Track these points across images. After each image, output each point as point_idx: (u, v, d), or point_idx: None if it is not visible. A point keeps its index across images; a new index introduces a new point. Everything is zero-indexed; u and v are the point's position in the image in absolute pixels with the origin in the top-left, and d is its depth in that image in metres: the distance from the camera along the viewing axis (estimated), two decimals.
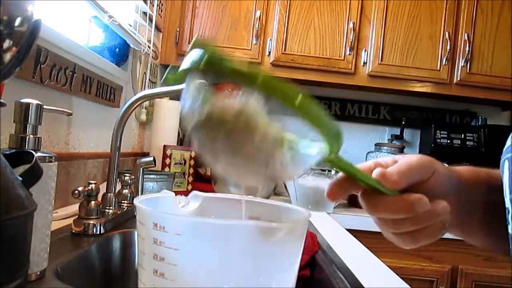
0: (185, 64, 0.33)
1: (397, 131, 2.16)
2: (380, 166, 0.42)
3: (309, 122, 0.34)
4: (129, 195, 0.93)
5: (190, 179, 1.56)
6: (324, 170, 1.54)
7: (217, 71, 0.33)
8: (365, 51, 1.85)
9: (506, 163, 0.44)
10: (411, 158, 0.42)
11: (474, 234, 0.51)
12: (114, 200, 0.86)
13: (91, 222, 0.75)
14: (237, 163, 0.35)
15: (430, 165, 0.42)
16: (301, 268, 0.61)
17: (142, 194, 0.99)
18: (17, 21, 0.32)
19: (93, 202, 0.76)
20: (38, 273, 0.51)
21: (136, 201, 0.38)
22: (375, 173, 0.39)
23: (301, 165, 0.36)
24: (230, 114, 0.33)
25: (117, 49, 1.38)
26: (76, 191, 0.71)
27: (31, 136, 0.52)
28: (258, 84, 0.33)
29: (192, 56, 0.33)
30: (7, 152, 0.40)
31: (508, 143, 0.46)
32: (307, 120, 0.34)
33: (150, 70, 1.67)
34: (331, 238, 0.96)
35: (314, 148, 0.36)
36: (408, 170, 0.40)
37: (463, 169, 0.49)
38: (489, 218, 0.48)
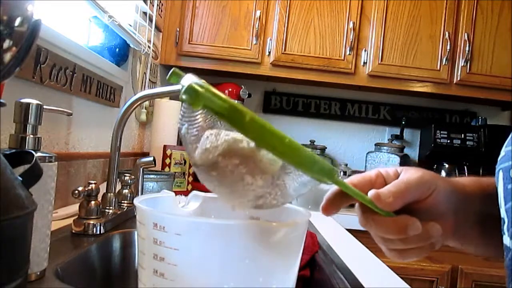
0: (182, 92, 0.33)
1: (397, 131, 2.16)
2: (381, 179, 0.42)
3: (298, 164, 0.34)
4: (129, 195, 0.92)
5: (190, 179, 1.56)
6: None
7: (207, 107, 0.33)
8: (365, 51, 1.85)
9: (500, 174, 0.44)
10: (412, 175, 0.41)
11: (474, 245, 0.50)
12: (114, 200, 0.86)
13: (91, 222, 0.75)
14: (231, 196, 0.36)
15: (430, 183, 0.42)
16: (301, 268, 0.61)
17: (142, 194, 0.99)
18: (17, 21, 0.32)
19: (93, 202, 0.76)
20: (38, 273, 0.51)
21: (136, 201, 0.38)
22: (370, 194, 0.39)
23: (291, 198, 0.37)
24: (223, 156, 0.33)
25: (117, 49, 1.37)
26: (76, 191, 0.71)
27: (31, 136, 0.52)
28: (246, 124, 0.33)
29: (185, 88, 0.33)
30: (7, 152, 0.40)
31: (502, 153, 0.45)
32: (296, 163, 0.34)
33: (150, 70, 1.67)
34: (331, 238, 0.96)
35: (306, 184, 0.36)
36: (406, 190, 0.40)
37: (464, 180, 0.48)
38: (491, 230, 0.48)
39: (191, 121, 0.35)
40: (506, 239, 0.43)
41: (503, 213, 0.43)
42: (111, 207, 0.85)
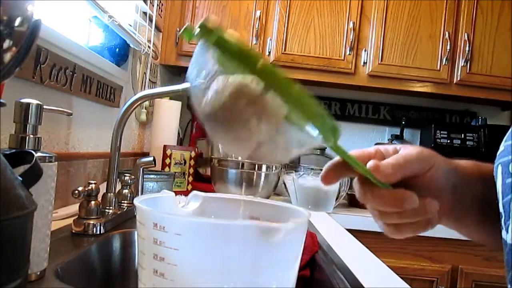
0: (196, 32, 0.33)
1: (397, 131, 2.16)
2: (381, 154, 0.42)
3: (304, 113, 0.34)
4: (129, 195, 0.92)
5: (190, 179, 1.56)
6: None
7: (223, 50, 0.33)
8: (365, 51, 1.85)
9: (499, 168, 0.44)
10: (411, 150, 0.41)
11: (468, 228, 0.51)
12: (114, 200, 0.86)
13: (91, 222, 0.75)
14: (236, 142, 0.35)
15: (428, 159, 0.42)
16: (301, 268, 0.61)
17: (142, 194, 0.99)
18: (17, 21, 0.32)
19: (93, 202, 0.76)
20: (38, 273, 0.51)
21: (136, 201, 0.38)
22: (369, 165, 0.39)
23: (295, 148, 0.36)
24: (231, 97, 0.33)
25: (117, 49, 1.37)
26: (76, 191, 0.71)
27: (31, 136, 0.52)
28: (258, 69, 0.33)
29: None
30: (7, 152, 0.40)
31: (501, 148, 0.46)
32: (302, 110, 0.34)
33: (150, 70, 1.67)
34: (331, 238, 0.96)
35: (311, 133, 0.36)
36: (405, 163, 0.40)
37: (465, 163, 0.49)
38: (486, 212, 0.48)
39: (202, 66, 0.34)
40: (503, 233, 0.43)
41: (501, 207, 0.43)
42: (111, 207, 0.85)
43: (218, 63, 0.34)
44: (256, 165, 1.46)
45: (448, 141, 1.95)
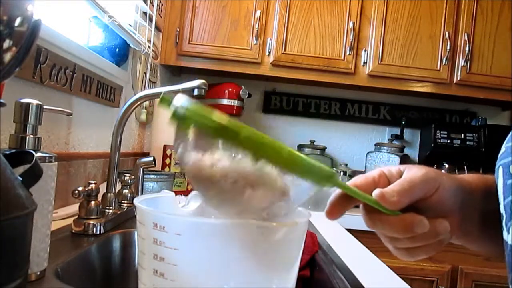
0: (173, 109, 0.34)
1: (397, 131, 2.16)
2: (384, 179, 0.42)
3: (299, 174, 0.34)
4: (129, 195, 0.92)
5: None
6: None
7: (200, 129, 0.34)
8: (365, 51, 1.85)
9: (500, 170, 0.44)
10: (415, 173, 0.41)
11: (476, 242, 0.50)
12: (114, 200, 0.86)
13: (91, 222, 0.75)
14: (226, 210, 0.36)
15: (434, 180, 0.41)
16: (301, 268, 0.61)
17: (142, 194, 0.99)
18: (17, 21, 0.32)
19: (93, 202, 0.76)
20: (38, 273, 0.51)
21: (136, 201, 0.38)
22: (374, 194, 0.39)
23: (295, 205, 0.37)
24: (217, 176, 0.33)
25: (117, 49, 1.37)
26: (76, 191, 0.71)
27: (31, 136, 0.52)
28: (241, 139, 0.33)
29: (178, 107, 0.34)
30: (7, 152, 0.40)
31: (502, 149, 0.45)
32: (296, 173, 0.34)
33: (150, 70, 1.67)
34: (331, 238, 0.96)
35: (309, 190, 0.36)
36: (410, 188, 0.39)
37: (469, 177, 0.48)
38: (492, 227, 0.47)
39: (185, 140, 0.35)
40: (505, 234, 0.43)
41: (502, 209, 0.43)
42: (111, 207, 0.85)
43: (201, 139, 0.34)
44: None
45: (448, 141, 1.95)
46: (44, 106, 0.54)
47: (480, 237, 0.49)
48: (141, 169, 0.97)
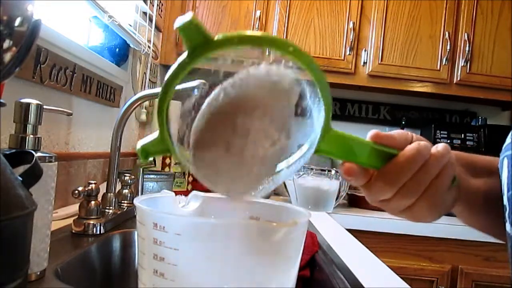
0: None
1: None
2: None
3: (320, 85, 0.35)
4: (129, 195, 0.92)
5: (190, 179, 1.56)
6: (324, 170, 1.54)
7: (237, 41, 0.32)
8: (365, 51, 1.85)
9: (505, 161, 0.44)
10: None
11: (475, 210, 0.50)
12: (114, 200, 0.86)
13: (91, 222, 0.75)
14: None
15: (407, 132, 0.41)
16: (301, 268, 0.61)
17: (142, 194, 0.99)
18: (17, 21, 0.32)
19: (93, 202, 0.76)
20: (38, 273, 0.51)
21: (136, 201, 0.38)
22: (369, 135, 0.39)
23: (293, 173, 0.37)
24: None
25: (117, 49, 1.37)
26: (76, 191, 0.71)
27: (31, 136, 0.52)
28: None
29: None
30: (7, 152, 0.40)
31: (508, 140, 0.45)
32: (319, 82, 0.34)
33: (150, 70, 1.67)
34: (331, 238, 0.96)
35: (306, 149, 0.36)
36: (393, 133, 0.39)
37: (456, 153, 0.48)
38: (487, 203, 0.48)
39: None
40: (508, 226, 0.43)
41: (505, 200, 0.43)
42: (111, 207, 0.85)
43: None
44: None
45: (448, 141, 1.95)
46: (44, 106, 0.54)
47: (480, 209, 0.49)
48: (141, 169, 0.97)
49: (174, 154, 0.34)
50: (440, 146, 0.39)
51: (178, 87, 0.33)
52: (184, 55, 0.32)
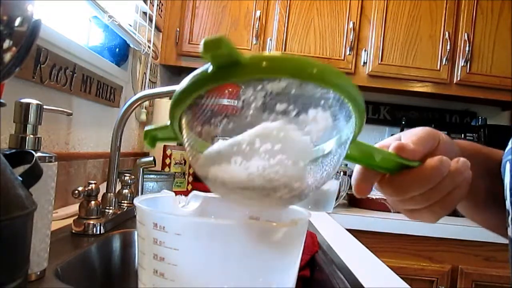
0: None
1: (397, 131, 2.16)
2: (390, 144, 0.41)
3: (349, 97, 0.32)
4: (129, 195, 0.92)
5: (190, 179, 1.56)
6: None
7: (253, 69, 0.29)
8: (365, 51, 1.85)
9: (508, 166, 0.44)
10: (415, 130, 0.41)
11: (478, 204, 0.50)
12: (114, 200, 0.86)
13: (91, 222, 0.75)
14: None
15: (434, 133, 0.41)
16: (301, 268, 0.61)
17: (142, 194, 0.99)
18: (17, 21, 0.32)
19: (93, 202, 0.76)
20: (38, 273, 0.51)
21: (136, 201, 0.38)
22: (392, 147, 0.38)
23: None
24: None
25: (117, 49, 1.37)
26: (76, 191, 0.71)
27: (31, 136, 0.52)
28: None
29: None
30: (7, 152, 0.40)
31: (509, 145, 0.45)
32: (348, 96, 0.32)
33: (150, 70, 1.67)
34: (331, 238, 0.96)
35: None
36: (420, 140, 0.39)
37: (464, 142, 0.48)
38: (486, 194, 0.48)
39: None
40: (510, 231, 0.43)
41: (508, 205, 0.43)
42: (111, 207, 0.85)
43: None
44: None
45: None
46: (44, 106, 0.54)
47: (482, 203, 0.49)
48: (141, 169, 0.97)
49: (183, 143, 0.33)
50: (460, 162, 0.38)
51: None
52: (209, 68, 0.29)
